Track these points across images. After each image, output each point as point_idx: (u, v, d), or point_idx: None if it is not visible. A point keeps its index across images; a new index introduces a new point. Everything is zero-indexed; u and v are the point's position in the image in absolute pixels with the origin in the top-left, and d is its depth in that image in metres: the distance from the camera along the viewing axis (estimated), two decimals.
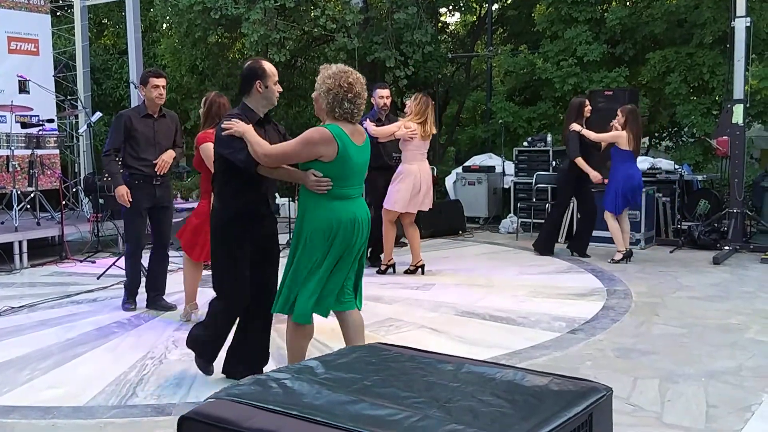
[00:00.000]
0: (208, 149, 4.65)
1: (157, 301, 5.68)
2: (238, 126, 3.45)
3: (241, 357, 3.92)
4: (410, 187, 6.63)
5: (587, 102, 7.66)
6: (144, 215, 5.51)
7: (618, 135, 7.14)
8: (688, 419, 3.41)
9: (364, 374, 2.14)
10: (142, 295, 5.77)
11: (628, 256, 7.32)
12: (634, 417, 3.43)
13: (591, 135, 7.25)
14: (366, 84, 3.52)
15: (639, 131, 7.21)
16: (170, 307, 5.62)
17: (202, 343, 3.93)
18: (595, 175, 7.33)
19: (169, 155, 5.46)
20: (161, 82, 5.40)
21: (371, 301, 5.70)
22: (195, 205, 5.77)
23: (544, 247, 7.85)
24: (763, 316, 5.24)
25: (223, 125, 3.52)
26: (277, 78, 3.77)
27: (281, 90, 3.81)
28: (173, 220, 5.97)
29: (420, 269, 6.88)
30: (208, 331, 3.88)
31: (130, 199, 5.32)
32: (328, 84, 3.37)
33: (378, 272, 6.90)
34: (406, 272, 6.89)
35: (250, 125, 3.50)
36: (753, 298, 5.85)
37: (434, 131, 6.84)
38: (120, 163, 5.39)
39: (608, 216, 7.32)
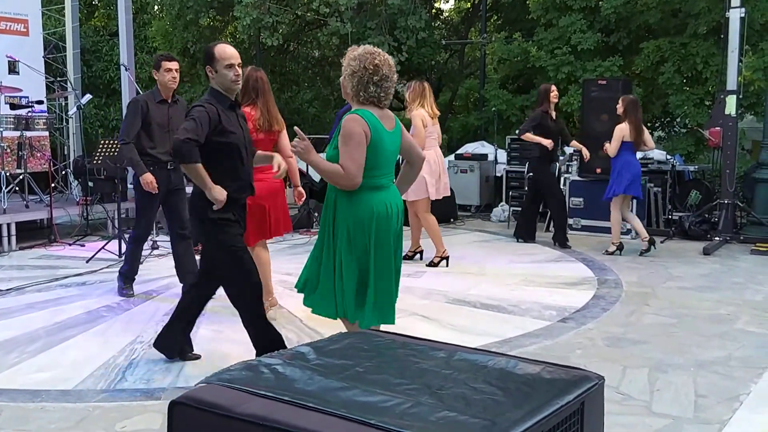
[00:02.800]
0: None
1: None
2: (301, 146, 3.25)
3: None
4: (430, 173, 6.54)
5: (554, 87, 7.74)
6: (158, 202, 5.34)
7: (621, 130, 7.05)
8: (677, 408, 3.43)
9: (356, 361, 2.13)
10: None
11: (620, 248, 7.29)
12: (624, 406, 3.45)
13: (611, 150, 7.12)
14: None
15: (639, 121, 7.16)
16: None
17: None
18: (548, 142, 7.47)
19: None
20: (174, 65, 5.22)
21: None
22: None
23: (527, 234, 7.98)
24: (752, 307, 5.28)
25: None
26: (231, 61, 3.66)
27: (238, 73, 3.71)
28: None
29: (419, 254, 6.96)
30: None
31: (156, 185, 5.14)
32: (352, 66, 3.19)
33: (428, 265, 6.75)
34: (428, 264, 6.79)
35: (311, 151, 3.26)
36: (743, 288, 5.88)
37: (437, 112, 6.80)
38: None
39: (612, 206, 7.29)
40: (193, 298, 4.04)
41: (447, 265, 6.71)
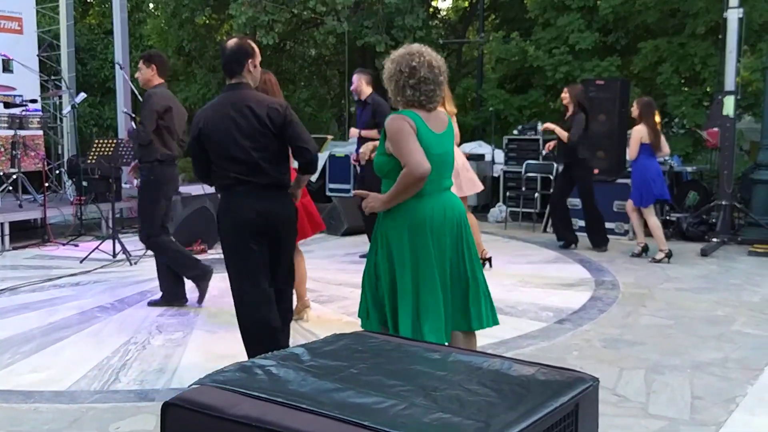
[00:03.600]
0: None
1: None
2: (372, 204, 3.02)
3: None
4: None
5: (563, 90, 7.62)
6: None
7: (639, 132, 6.94)
8: (674, 410, 3.42)
9: (351, 362, 2.12)
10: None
11: (669, 255, 7.00)
12: (620, 407, 3.44)
13: (630, 153, 7.01)
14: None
15: (654, 123, 7.04)
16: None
17: None
18: (561, 133, 7.31)
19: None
20: (140, 63, 5.13)
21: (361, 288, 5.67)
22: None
23: (603, 240, 7.60)
24: (749, 309, 5.27)
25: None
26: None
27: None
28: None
29: (488, 262, 6.55)
30: None
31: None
32: (389, 69, 3.01)
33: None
34: None
35: (377, 197, 2.99)
36: (740, 290, 5.87)
37: (455, 110, 6.65)
38: None
39: (645, 212, 7.09)
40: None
41: (490, 266, 6.55)
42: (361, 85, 6.90)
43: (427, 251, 2.94)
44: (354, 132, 6.94)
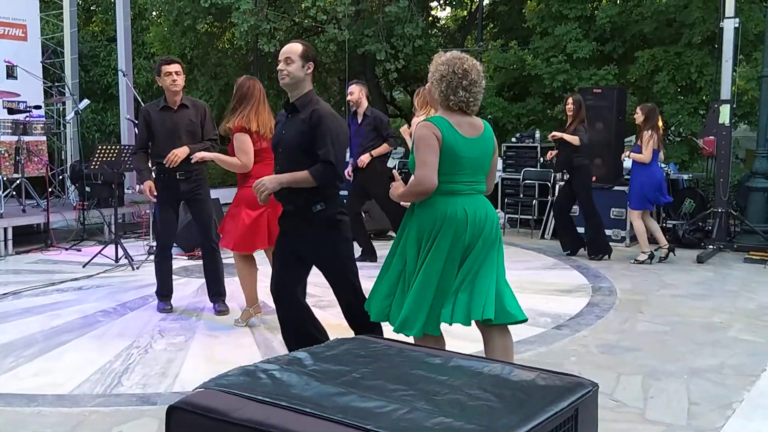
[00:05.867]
0: (240, 140, 4.50)
1: (213, 304, 5.27)
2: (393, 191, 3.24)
3: None
4: None
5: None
6: (171, 211, 5.10)
7: (651, 136, 7.00)
8: (671, 416, 3.45)
9: (353, 366, 2.15)
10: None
11: (651, 257, 7.20)
12: (617, 413, 3.47)
13: (645, 157, 7.02)
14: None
15: (659, 128, 7.09)
16: (222, 311, 5.16)
17: None
18: (572, 138, 7.18)
19: (182, 151, 4.86)
20: (173, 68, 4.93)
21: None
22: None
23: (603, 249, 7.53)
24: (745, 315, 5.31)
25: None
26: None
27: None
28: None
29: None
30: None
31: (155, 194, 4.98)
32: (441, 71, 3.12)
33: None
34: None
35: (400, 186, 3.21)
36: (736, 296, 5.91)
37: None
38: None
39: (633, 215, 7.23)
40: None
41: None
42: (362, 97, 7.02)
43: (441, 246, 3.07)
44: (365, 159, 6.97)
